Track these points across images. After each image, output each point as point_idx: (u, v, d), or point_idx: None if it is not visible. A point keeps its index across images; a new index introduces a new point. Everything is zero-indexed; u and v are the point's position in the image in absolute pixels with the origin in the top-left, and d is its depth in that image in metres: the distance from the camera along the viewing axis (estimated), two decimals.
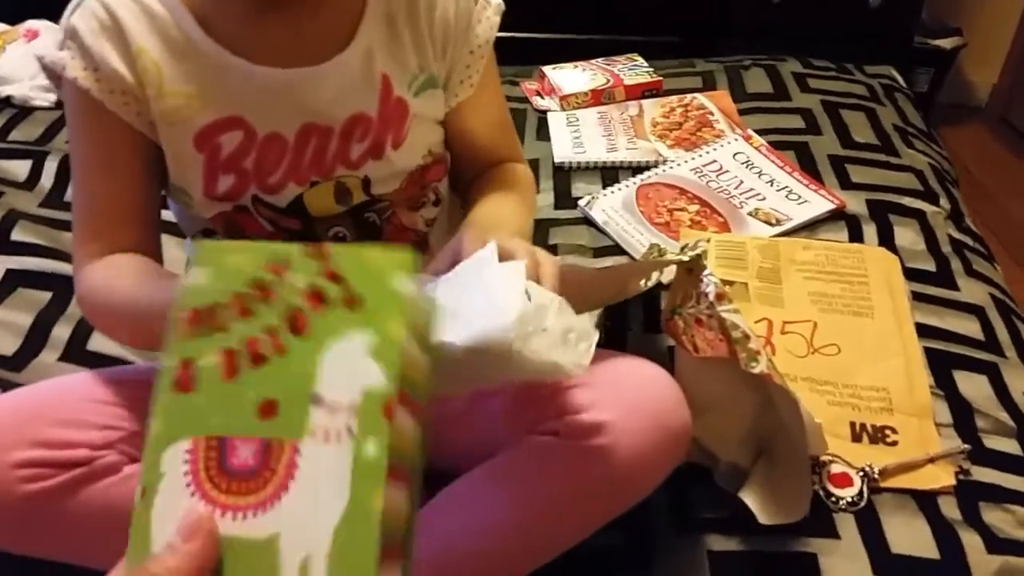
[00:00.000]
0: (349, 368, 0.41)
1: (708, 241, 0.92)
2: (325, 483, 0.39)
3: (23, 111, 1.35)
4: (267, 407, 0.41)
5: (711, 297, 0.66)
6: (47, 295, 0.98)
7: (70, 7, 0.67)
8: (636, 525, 0.75)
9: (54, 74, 0.68)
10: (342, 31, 0.68)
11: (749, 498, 0.72)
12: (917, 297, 0.99)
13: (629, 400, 0.66)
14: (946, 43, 2.05)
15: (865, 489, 0.78)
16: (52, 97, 1.37)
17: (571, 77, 1.45)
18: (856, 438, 0.82)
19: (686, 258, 0.71)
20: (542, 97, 1.44)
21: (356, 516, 0.38)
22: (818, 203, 1.14)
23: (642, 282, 0.78)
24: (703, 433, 0.71)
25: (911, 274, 1.03)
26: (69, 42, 0.66)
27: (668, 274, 0.76)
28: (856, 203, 1.14)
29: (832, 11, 2.10)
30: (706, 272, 0.68)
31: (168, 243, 0.77)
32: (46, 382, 0.69)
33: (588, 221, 1.15)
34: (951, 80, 2.14)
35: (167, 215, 0.75)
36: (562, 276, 0.59)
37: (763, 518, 0.71)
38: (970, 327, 0.97)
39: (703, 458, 0.76)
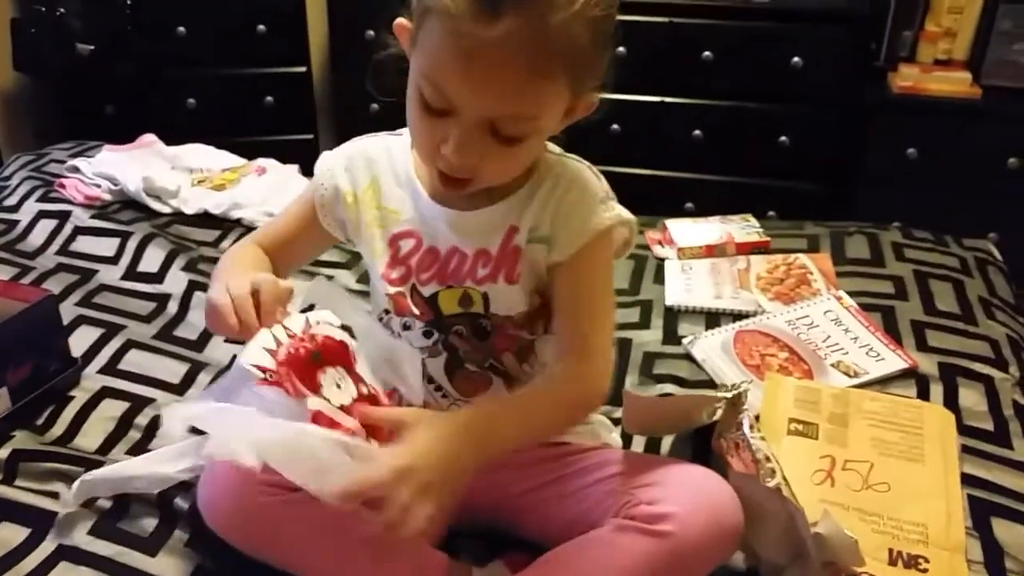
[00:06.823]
0: None
1: (750, 382, 1.13)
2: None
3: (250, 231, 1.71)
4: None
5: (745, 426, 0.87)
6: None
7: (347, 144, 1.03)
8: None
9: None
10: (495, 195, 0.94)
11: None
12: (970, 451, 1.13)
13: (692, 498, 0.87)
14: None
15: None
16: None
17: (689, 231, 1.69)
18: (892, 563, 0.97)
19: (730, 395, 0.93)
20: (662, 246, 1.68)
21: None
22: (893, 361, 1.31)
23: (705, 415, 0.99)
24: (748, 534, 0.89)
25: (968, 431, 1.17)
26: (321, 163, 1.02)
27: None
28: (928, 364, 1.30)
29: (972, 166, 2.18)
30: (744, 406, 0.89)
31: None
32: None
33: (689, 357, 1.36)
34: None
35: None
36: (635, 402, 0.82)
37: None
38: (1019, 483, 1.09)
39: (752, 559, 0.94)
